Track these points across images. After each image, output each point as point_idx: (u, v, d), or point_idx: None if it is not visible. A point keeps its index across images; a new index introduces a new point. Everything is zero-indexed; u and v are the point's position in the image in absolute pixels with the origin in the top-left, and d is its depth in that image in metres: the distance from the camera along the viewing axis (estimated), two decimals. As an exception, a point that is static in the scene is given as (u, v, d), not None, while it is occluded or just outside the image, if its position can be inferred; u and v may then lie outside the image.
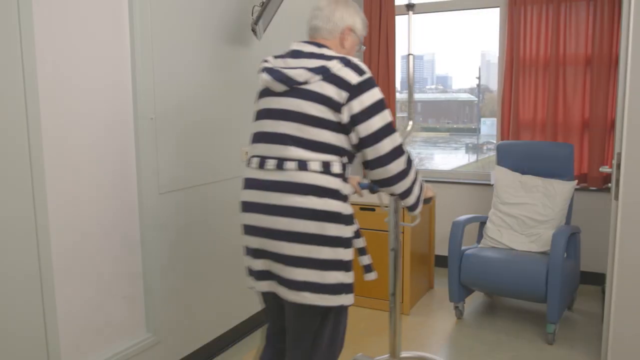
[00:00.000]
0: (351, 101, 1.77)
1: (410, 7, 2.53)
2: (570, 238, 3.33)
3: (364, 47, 2.16)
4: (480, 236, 3.73)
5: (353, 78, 1.79)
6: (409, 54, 2.53)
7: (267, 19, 2.87)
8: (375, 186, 1.97)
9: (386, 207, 2.69)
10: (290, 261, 1.79)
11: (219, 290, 3.07)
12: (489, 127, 4.96)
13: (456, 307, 3.51)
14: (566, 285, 3.15)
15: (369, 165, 1.85)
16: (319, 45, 1.91)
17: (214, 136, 2.95)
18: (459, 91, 5.07)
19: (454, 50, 4.69)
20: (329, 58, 1.83)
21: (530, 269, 3.15)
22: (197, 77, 2.81)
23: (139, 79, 2.47)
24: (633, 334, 2.59)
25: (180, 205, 2.77)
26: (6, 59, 1.93)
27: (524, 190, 3.59)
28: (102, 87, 2.33)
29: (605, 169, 2.77)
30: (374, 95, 1.80)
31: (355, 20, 2.00)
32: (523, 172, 3.67)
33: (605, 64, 3.87)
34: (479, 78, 4.90)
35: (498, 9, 4.26)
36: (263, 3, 2.74)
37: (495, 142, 4.41)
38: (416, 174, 1.96)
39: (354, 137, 1.81)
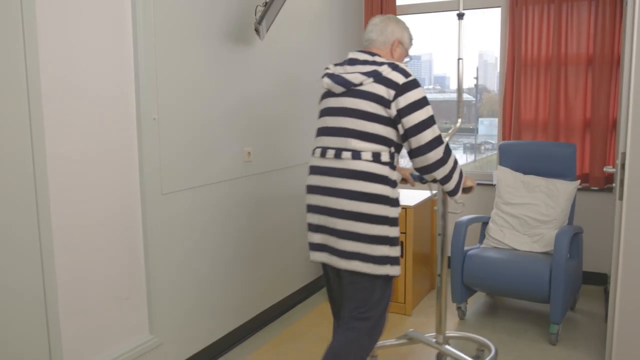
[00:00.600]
0: (398, 98, 2.08)
1: (460, 16, 2.74)
2: (573, 238, 3.33)
3: (410, 59, 2.50)
4: (482, 236, 3.72)
5: (400, 79, 2.10)
6: (458, 59, 2.75)
7: (270, 18, 2.86)
8: (424, 177, 2.27)
9: (435, 195, 2.87)
10: (343, 235, 2.11)
11: (222, 291, 3.05)
12: (486, 127, 4.95)
13: (459, 308, 3.50)
14: (569, 285, 3.15)
15: (412, 153, 2.14)
16: (372, 54, 2.22)
17: (216, 136, 2.93)
18: (456, 91, 5.06)
19: (452, 50, 4.69)
20: (380, 64, 2.15)
21: (533, 269, 3.14)
22: (200, 77, 2.80)
23: (142, 79, 2.46)
24: (638, 335, 2.59)
25: (183, 205, 2.75)
26: (9, 62, 1.91)
27: (527, 190, 3.58)
28: (105, 87, 2.32)
29: (609, 169, 2.76)
30: (417, 93, 2.11)
31: (403, 34, 2.37)
32: (525, 172, 3.67)
33: (607, 64, 3.86)
34: (476, 78, 4.89)
35: (499, 9, 4.26)
36: (266, 3, 2.73)
37: (494, 142, 4.40)
38: (455, 163, 2.22)
39: (400, 129, 2.11)
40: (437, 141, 2.12)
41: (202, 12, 2.78)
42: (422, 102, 2.12)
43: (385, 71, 2.12)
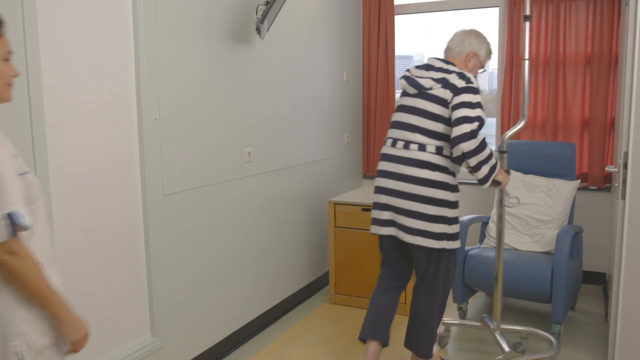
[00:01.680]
0: (453, 98, 2.41)
1: (527, 18, 2.85)
2: (573, 238, 3.33)
3: (484, 70, 2.74)
4: (482, 236, 3.72)
5: (460, 84, 2.42)
6: (524, 59, 2.87)
7: (271, 18, 2.84)
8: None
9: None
10: (409, 214, 2.48)
11: (223, 293, 3.03)
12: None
13: (460, 308, 3.49)
14: (570, 285, 3.15)
15: (451, 142, 2.39)
16: (447, 62, 2.55)
17: (217, 136, 2.91)
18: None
19: (436, 51, 4.71)
20: (450, 72, 2.48)
21: (535, 269, 3.14)
22: (201, 77, 2.77)
23: (143, 79, 2.43)
24: (641, 333, 2.59)
25: (184, 207, 2.73)
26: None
27: (527, 190, 3.58)
28: (106, 87, 2.29)
29: (611, 169, 2.76)
30: (471, 97, 2.40)
31: (480, 48, 2.64)
32: (525, 172, 3.67)
33: (605, 64, 3.88)
34: None
35: (497, 8, 4.26)
36: (268, 2, 2.71)
37: (488, 141, 4.43)
38: (488, 157, 2.44)
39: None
40: (471, 135, 2.35)
41: (203, 11, 2.76)
42: (474, 105, 2.38)
43: (452, 78, 2.44)
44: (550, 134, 4.05)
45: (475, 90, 2.43)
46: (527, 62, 2.84)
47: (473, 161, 2.42)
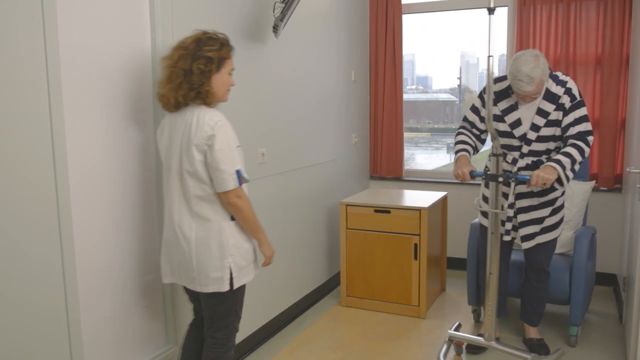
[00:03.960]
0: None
1: (491, 11, 2.40)
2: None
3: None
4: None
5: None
6: (488, 56, 2.45)
7: (287, 16, 2.78)
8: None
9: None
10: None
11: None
12: None
13: (474, 311, 3.46)
14: (588, 287, 3.12)
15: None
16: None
17: (232, 137, 2.85)
18: (439, 91, 5.08)
19: (434, 50, 4.70)
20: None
21: (552, 271, 3.10)
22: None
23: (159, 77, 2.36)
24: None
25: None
26: (30, 57, 1.82)
27: (540, 191, 3.54)
28: (123, 85, 2.24)
29: (633, 170, 2.74)
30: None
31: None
32: (538, 173, 3.63)
33: (615, 64, 3.86)
34: (459, 78, 4.89)
35: (506, 8, 4.23)
36: (286, 0, 2.65)
37: None
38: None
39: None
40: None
41: (220, 9, 2.70)
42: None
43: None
44: (560, 135, 4.02)
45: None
46: (491, 59, 2.52)
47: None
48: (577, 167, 2.64)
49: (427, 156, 5.03)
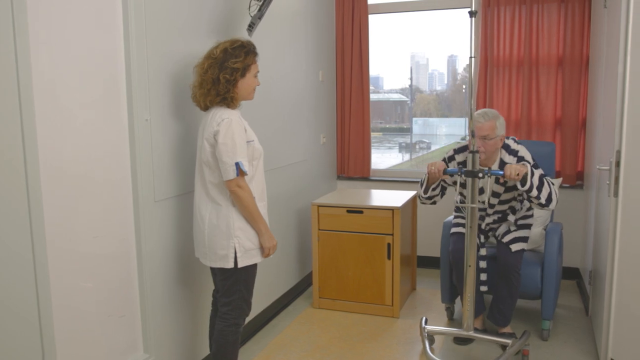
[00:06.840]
0: None
1: (473, 14, 2.71)
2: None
3: None
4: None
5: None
6: (470, 57, 2.73)
7: (264, 13, 2.73)
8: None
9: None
10: None
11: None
12: (420, 127, 5.08)
13: (447, 308, 3.49)
14: (557, 281, 3.20)
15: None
16: None
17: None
18: (390, 91, 5.14)
19: (385, 51, 4.76)
20: None
21: (524, 266, 3.16)
22: (192, 77, 2.62)
23: (133, 78, 2.27)
24: (633, 329, 2.64)
25: (176, 214, 2.58)
26: (1, 63, 1.70)
27: (509, 189, 3.61)
28: (95, 86, 2.12)
29: (602, 167, 2.82)
30: None
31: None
32: (506, 171, 3.70)
33: (576, 65, 3.98)
34: (410, 79, 4.97)
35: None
36: (261, -3, 2.60)
37: (428, 141, 4.65)
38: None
39: None
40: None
41: (194, 8, 2.62)
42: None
43: None
44: (524, 133, 4.12)
45: None
46: (474, 60, 2.78)
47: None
48: (535, 182, 2.80)
49: (380, 155, 5.06)
